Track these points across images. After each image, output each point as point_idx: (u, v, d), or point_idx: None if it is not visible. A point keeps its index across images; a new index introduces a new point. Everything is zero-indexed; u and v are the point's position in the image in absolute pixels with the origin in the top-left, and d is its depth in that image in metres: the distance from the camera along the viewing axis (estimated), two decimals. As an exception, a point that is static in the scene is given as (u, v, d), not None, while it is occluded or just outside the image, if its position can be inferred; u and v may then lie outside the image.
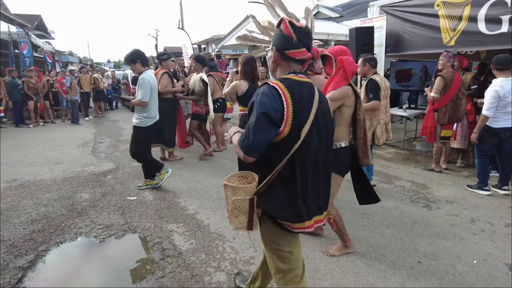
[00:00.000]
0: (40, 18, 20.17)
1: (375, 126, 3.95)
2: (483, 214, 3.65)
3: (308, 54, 1.65)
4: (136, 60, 3.99)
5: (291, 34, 1.59)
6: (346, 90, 2.53)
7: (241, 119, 4.13)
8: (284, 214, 1.60)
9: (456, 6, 4.95)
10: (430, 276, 2.56)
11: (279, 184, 1.58)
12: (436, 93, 4.70)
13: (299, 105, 1.55)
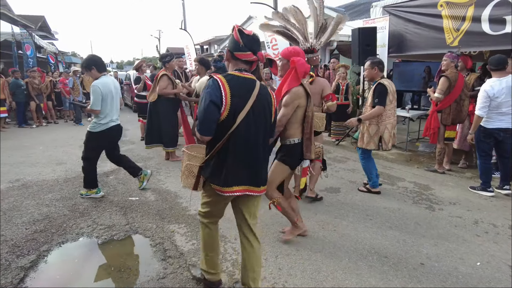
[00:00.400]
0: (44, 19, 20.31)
1: (382, 131, 3.91)
2: (487, 215, 3.62)
3: (253, 57, 2.06)
4: (91, 66, 3.90)
5: (238, 40, 2.04)
6: (296, 90, 2.64)
7: None
8: (214, 180, 2.06)
9: (460, 6, 4.92)
10: (432, 278, 2.54)
11: (216, 157, 2.05)
12: (440, 93, 4.68)
13: (237, 96, 1.97)
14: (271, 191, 2.78)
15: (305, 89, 2.66)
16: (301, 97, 2.64)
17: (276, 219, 3.53)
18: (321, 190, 4.37)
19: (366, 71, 4.01)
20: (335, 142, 7.11)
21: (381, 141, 3.93)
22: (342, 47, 9.98)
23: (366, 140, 4.00)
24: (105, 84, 3.88)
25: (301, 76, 2.65)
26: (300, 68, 2.62)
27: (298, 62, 2.63)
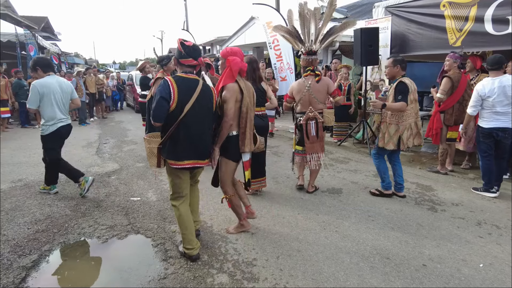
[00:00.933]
0: (47, 20, 20.42)
1: (402, 131, 3.81)
2: (490, 217, 3.60)
3: (195, 62, 2.66)
4: (36, 67, 3.99)
5: (181, 50, 2.62)
6: (231, 86, 2.88)
7: None
8: (169, 156, 2.63)
9: (463, 6, 4.90)
10: (435, 280, 2.52)
11: (170, 140, 2.60)
12: (442, 94, 4.65)
13: (183, 92, 2.56)
14: (226, 186, 3.08)
15: (239, 86, 2.90)
16: (236, 92, 2.88)
17: (277, 220, 3.52)
18: (322, 191, 4.36)
19: (387, 69, 3.92)
20: (337, 142, 7.09)
21: (400, 141, 3.84)
22: (344, 48, 9.96)
23: (386, 140, 3.91)
24: (44, 84, 3.92)
25: (235, 73, 2.89)
26: (234, 66, 2.87)
27: (233, 61, 2.87)
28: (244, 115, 2.92)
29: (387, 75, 4.02)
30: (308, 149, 4.09)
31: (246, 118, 2.93)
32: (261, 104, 4.06)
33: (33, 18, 18.51)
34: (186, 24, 21.40)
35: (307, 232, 3.25)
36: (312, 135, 4.05)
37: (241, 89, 2.89)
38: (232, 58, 2.89)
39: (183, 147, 2.61)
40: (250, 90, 3.03)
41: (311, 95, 4.04)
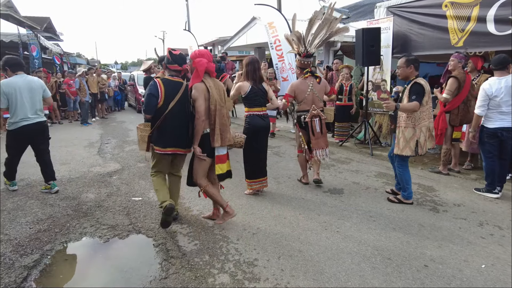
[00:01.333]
0: (49, 20, 20.51)
1: (418, 135, 3.64)
2: (492, 217, 3.58)
3: (179, 68, 3.20)
4: (5, 68, 4.11)
5: (168, 57, 3.19)
6: (198, 86, 3.12)
7: (246, 119, 4.10)
8: (156, 144, 3.17)
9: (465, 6, 4.89)
10: (437, 280, 2.51)
11: (157, 130, 3.14)
12: (448, 94, 4.63)
13: (168, 91, 3.10)
14: (199, 180, 3.28)
15: (205, 85, 3.13)
16: (204, 91, 3.12)
17: (278, 220, 3.52)
18: (324, 191, 4.36)
19: (400, 69, 3.74)
20: (339, 143, 7.08)
21: (417, 145, 3.67)
22: (345, 48, 9.94)
23: (402, 145, 3.71)
24: (10, 83, 4.00)
25: (201, 74, 3.12)
26: (200, 67, 3.10)
27: (199, 63, 3.10)
28: (213, 112, 3.13)
29: (400, 76, 3.82)
30: (314, 145, 4.27)
31: (215, 115, 3.14)
32: (262, 104, 4.08)
33: (35, 19, 18.59)
34: (188, 25, 21.43)
35: (309, 232, 3.25)
36: (317, 132, 4.23)
37: (207, 88, 3.12)
38: (198, 59, 3.11)
39: (167, 137, 3.15)
40: (218, 88, 3.25)
41: (315, 94, 4.26)
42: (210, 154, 3.23)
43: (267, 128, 4.18)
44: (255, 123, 4.02)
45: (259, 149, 4.12)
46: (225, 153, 3.32)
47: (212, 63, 3.22)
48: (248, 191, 4.23)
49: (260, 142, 4.11)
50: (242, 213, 3.67)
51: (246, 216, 3.61)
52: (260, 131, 4.07)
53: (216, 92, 3.15)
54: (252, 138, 3.96)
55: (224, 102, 3.25)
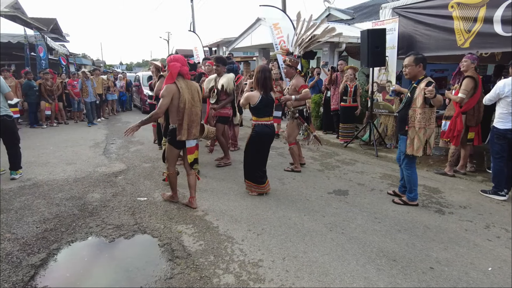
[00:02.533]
0: (56, 21, 20.68)
1: (429, 135, 3.64)
2: (499, 220, 3.55)
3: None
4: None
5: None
6: (168, 86, 3.49)
7: (254, 128, 4.09)
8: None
9: (471, 7, 4.85)
10: (442, 283, 2.50)
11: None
12: (464, 94, 4.60)
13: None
14: (168, 165, 3.80)
15: (177, 86, 3.50)
16: (173, 91, 3.47)
17: (283, 221, 3.52)
18: (329, 193, 4.35)
19: (408, 68, 3.64)
20: (344, 144, 7.06)
21: (427, 145, 3.69)
22: (350, 49, 9.92)
23: (416, 146, 3.65)
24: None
25: (174, 76, 3.51)
26: (173, 70, 3.48)
27: (172, 67, 3.49)
28: (182, 110, 3.52)
29: (408, 75, 3.70)
30: (313, 130, 5.30)
31: (183, 113, 3.53)
32: (270, 114, 4.16)
33: (42, 20, 18.77)
34: (193, 25, 21.51)
35: (313, 233, 3.25)
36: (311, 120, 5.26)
37: (178, 88, 3.49)
38: (172, 64, 3.50)
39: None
40: (191, 89, 3.62)
41: None
42: (178, 145, 3.68)
43: (272, 136, 4.24)
44: (262, 131, 4.09)
45: (262, 155, 4.19)
46: (193, 145, 3.74)
47: (185, 67, 3.60)
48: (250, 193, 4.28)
49: (264, 148, 4.18)
50: (247, 214, 3.68)
51: (250, 216, 3.62)
52: (265, 138, 4.14)
53: (187, 93, 3.54)
54: (257, 144, 4.08)
55: (196, 101, 3.65)
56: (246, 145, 4.19)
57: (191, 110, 3.58)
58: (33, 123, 9.62)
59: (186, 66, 3.60)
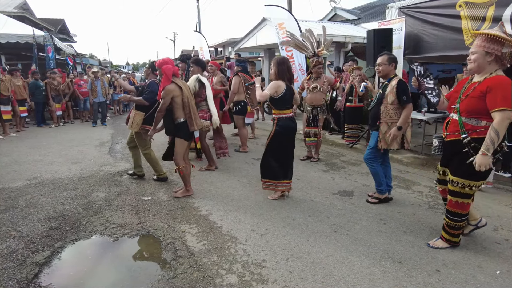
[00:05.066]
0: (63, 22, 20.88)
1: (405, 129, 3.70)
2: (507, 222, 3.49)
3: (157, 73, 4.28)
4: None
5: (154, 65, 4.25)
6: (168, 87, 3.76)
7: (278, 123, 3.89)
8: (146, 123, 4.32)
9: (480, 6, 4.78)
10: (449, 286, 2.45)
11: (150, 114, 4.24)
12: None
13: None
14: (178, 159, 3.99)
15: (177, 84, 3.80)
16: (174, 91, 3.77)
17: (287, 221, 3.49)
18: (334, 194, 4.31)
19: (382, 67, 3.71)
20: (349, 145, 7.01)
21: (404, 139, 3.75)
22: (356, 49, 9.86)
23: (388, 140, 3.70)
24: None
25: (170, 77, 3.77)
26: (168, 72, 3.75)
27: (166, 69, 3.74)
28: (187, 104, 3.83)
29: (380, 73, 3.77)
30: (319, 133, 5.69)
31: (189, 106, 3.84)
32: (291, 106, 4.00)
33: (50, 21, 18.97)
34: (199, 26, 21.57)
35: (318, 234, 3.22)
36: None
37: (179, 86, 3.80)
38: (165, 66, 3.76)
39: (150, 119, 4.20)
40: (186, 85, 3.97)
41: None
42: (188, 137, 3.97)
43: (295, 128, 4.04)
44: (287, 126, 3.89)
45: (289, 149, 4.00)
46: (197, 136, 4.11)
47: (176, 67, 3.91)
48: (273, 195, 4.09)
49: (289, 145, 3.99)
50: (251, 214, 3.66)
51: (254, 217, 3.60)
52: (290, 134, 3.96)
53: (186, 89, 3.88)
54: (283, 139, 3.90)
55: (192, 97, 4.04)
56: (270, 141, 3.93)
57: (192, 104, 3.94)
58: (40, 122, 9.71)
59: (176, 67, 3.95)
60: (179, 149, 3.97)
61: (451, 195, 2.79)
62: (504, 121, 2.43)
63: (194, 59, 5.40)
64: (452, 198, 2.79)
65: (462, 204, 2.75)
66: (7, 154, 6.23)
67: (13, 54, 13.72)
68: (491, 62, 2.54)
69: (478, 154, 2.50)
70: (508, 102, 2.41)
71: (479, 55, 2.56)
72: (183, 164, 4.00)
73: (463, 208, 2.76)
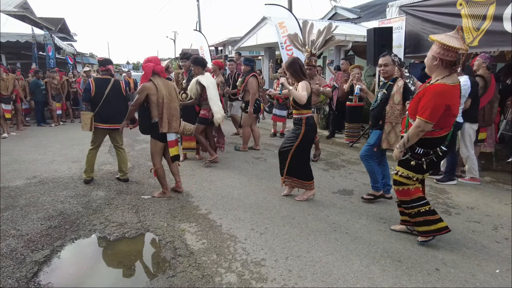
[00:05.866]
0: (64, 21, 20.88)
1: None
2: (507, 221, 3.48)
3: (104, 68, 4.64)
4: None
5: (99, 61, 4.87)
6: (145, 85, 3.79)
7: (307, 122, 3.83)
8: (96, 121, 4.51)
9: (480, 5, 4.77)
10: (448, 284, 2.45)
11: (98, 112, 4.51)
12: None
13: (98, 86, 4.45)
14: (153, 160, 4.01)
15: (154, 83, 3.79)
16: (149, 89, 3.77)
17: (287, 220, 3.49)
18: (333, 192, 4.31)
19: (389, 67, 3.65)
20: (349, 144, 7.00)
21: None
22: (357, 48, 9.85)
23: (392, 140, 3.71)
24: None
25: (148, 75, 3.82)
26: (146, 70, 3.82)
27: (145, 67, 3.83)
28: (161, 104, 3.80)
29: (386, 73, 3.69)
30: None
31: (162, 107, 3.80)
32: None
33: (50, 20, 18.97)
34: (199, 25, 21.55)
35: (317, 233, 3.21)
36: None
37: (155, 85, 3.78)
38: (145, 64, 3.84)
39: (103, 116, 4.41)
40: (168, 86, 3.92)
41: None
42: (161, 139, 3.94)
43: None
44: (314, 125, 3.91)
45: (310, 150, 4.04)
46: (173, 139, 3.99)
47: (159, 66, 3.90)
48: (306, 195, 4.02)
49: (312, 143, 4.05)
50: (250, 213, 3.66)
51: (254, 215, 3.59)
52: (314, 131, 3.98)
53: (164, 89, 3.83)
54: (311, 138, 3.91)
55: (174, 97, 3.95)
56: (300, 141, 3.83)
57: (170, 105, 3.87)
58: (40, 121, 9.71)
59: (160, 65, 3.95)
60: (152, 149, 3.99)
61: (396, 184, 2.98)
62: (415, 128, 2.63)
63: (193, 58, 5.37)
64: (397, 188, 2.97)
65: (404, 191, 2.92)
66: (7, 153, 6.23)
67: (13, 53, 13.72)
68: (438, 66, 2.62)
69: None
70: (423, 112, 2.57)
71: (427, 58, 2.71)
72: (158, 166, 4.00)
73: (408, 194, 2.91)
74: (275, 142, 7.23)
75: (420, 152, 2.76)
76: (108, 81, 4.47)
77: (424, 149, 2.74)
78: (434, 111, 2.54)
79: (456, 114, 2.71)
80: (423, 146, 2.74)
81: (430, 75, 2.75)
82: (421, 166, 2.78)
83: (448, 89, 2.54)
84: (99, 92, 4.39)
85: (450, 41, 2.50)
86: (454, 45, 2.48)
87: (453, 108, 2.60)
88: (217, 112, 5.03)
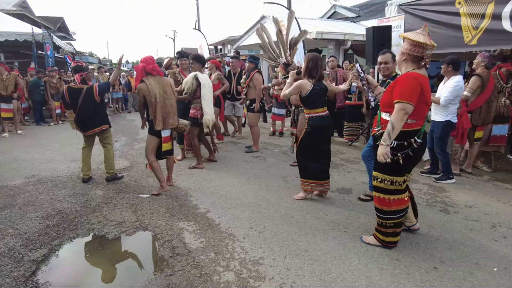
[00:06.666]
0: (63, 20, 20.85)
1: None
2: (505, 220, 3.49)
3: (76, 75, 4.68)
4: None
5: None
6: (139, 86, 4.00)
7: (308, 122, 3.82)
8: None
9: (479, 3, 4.76)
10: (446, 283, 2.45)
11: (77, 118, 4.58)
12: (470, 92, 4.53)
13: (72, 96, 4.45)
14: (148, 154, 4.17)
15: (146, 84, 3.95)
16: (142, 90, 3.96)
17: (285, 219, 3.49)
18: (332, 191, 4.31)
19: (389, 64, 3.60)
20: (348, 143, 7.00)
21: None
22: (356, 47, 9.84)
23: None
24: None
25: (139, 77, 4.03)
26: (137, 71, 4.05)
27: (137, 69, 4.05)
28: (153, 103, 3.96)
29: (387, 71, 3.63)
30: None
31: (156, 105, 3.97)
32: (324, 104, 3.84)
33: (49, 19, 18.93)
34: (198, 24, 21.53)
35: (316, 231, 3.21)
36: None
37: (147, 85, 3.93)
38: (137, 66, 4.01)
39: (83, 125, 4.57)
40: (162, 84, 4.06)
41: None
42: (157, 135, 4.10)
43: (331, 127, 4.00)
44: (319, 125, 3.79)
45: (322, 150, 3.89)
46: (167, 135, 4.16)
47: (150, 65, 3.98)
48: (301, 194, 4.03)
49: (324, 143, 3.89)
50: (249, 212, 3.66)
51: (252, 214, 3.60)
52: (324, 131, 3.86)
53: (157, 87, 3.97)
54: (315, 138, 3.81)
55: (169, 94, 4.09)
56: (301, 141, 3.85)
57: (164, 103, 4.03)
58: (39, 120, 9.71)
59: (152, 64, 4.02)
60: (147, 143, 4.19)
61: (375, 190, 2.88)
62: (397, 112, 2.56)
63: (194, 56, 5.34)
64: (375, 194, 2.86)
65: (383, 200, 2.80)
66: (6, 152, 6.23)
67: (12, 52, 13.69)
68: (407, 61, 2.70)
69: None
70: (402, 95, 2.55)
71: (397, 54, 2.80)
72: (152, 159, 4.15)
73: (385, 204, 2.80)
74: (274, 141, 7.23)
75: (394, 145, 2.66)
76: (80, 91, 4.42)
77: (398, 141, 2.65)
78: (412, 92, 2.54)
79: (429, 101, 2.71)
80: (396, 139, 2.64)
81: (399, 70, 2.84)
82: (397, 163, 2.66)
83: (419, 75, 2.60)
84: (74, 101, 4.42)
85: (417, 37, 2.60)
86: (420, 40, 2.57)
87: (426, 92, 2.61)
88: (208, 113, 4.88)
